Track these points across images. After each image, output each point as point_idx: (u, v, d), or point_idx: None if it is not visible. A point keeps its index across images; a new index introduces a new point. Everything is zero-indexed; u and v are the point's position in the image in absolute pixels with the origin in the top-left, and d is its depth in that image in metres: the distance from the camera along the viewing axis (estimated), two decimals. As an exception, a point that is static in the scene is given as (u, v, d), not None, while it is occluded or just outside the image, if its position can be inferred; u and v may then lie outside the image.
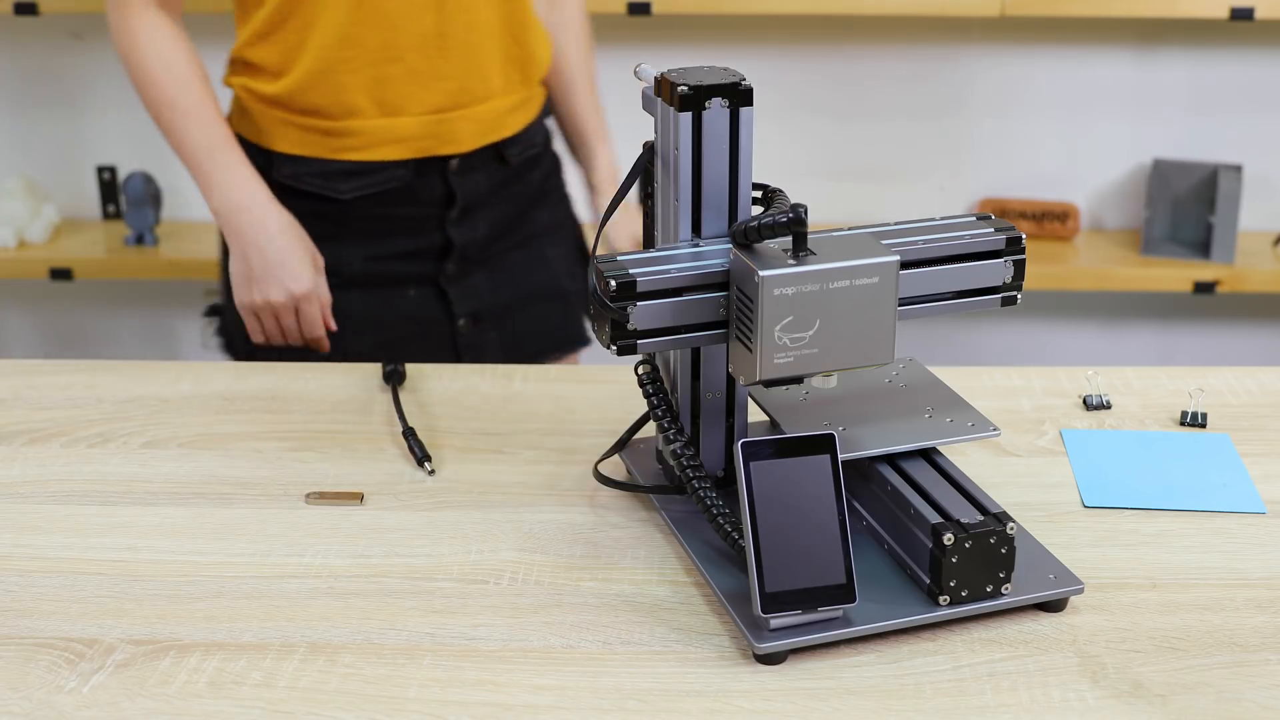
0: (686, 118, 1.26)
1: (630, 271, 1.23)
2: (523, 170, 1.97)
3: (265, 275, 1.78)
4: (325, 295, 1.82)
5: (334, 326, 1.83)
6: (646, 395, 1.32)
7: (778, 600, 1.17)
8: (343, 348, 1.87)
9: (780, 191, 1.31)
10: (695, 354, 1.33)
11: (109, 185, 3.12)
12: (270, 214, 1.78)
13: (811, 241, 1.22)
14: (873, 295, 1.21)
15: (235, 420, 1.58)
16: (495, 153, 1.92)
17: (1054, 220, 3.07)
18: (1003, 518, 1.22)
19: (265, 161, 1.86)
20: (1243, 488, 1.45)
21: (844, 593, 1.19)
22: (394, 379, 1.64)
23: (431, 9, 1.81)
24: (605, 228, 1.63)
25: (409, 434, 1.52)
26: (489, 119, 1.89)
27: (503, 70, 1.89)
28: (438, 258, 1.93)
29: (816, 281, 1.19)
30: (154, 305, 3.27)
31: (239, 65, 1.88)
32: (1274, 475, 1.47)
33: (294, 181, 1.86)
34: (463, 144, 1.88)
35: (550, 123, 2.06)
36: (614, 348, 1.24)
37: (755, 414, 1.39)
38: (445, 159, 1.89)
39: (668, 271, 1.24)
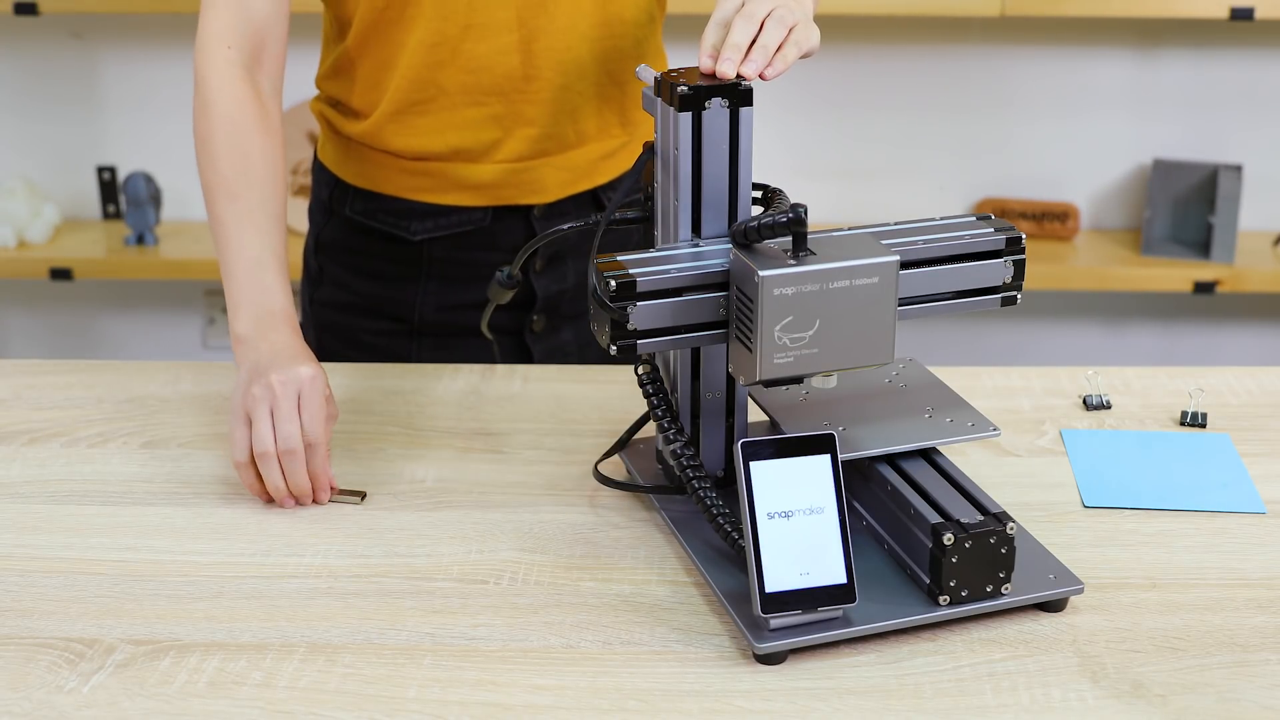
0: (686, 118, 1.26)
1: (630, 271, 1.23)
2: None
3: (262, 373, 1.41)
4: (323, 442, 1.40)
5: (330, 476, 1.43)
6: (646, 395, 1.32)
7: (778, 600, 1.17)
8: None
9: (780, 191, 1.31)
10: (695, 354, 1.33)
11: (109, 185, 3.12)
12: (298, 356, 1.43)
13: (811, 241, 1.22)
14: (873, 295, 1.21)
15: (235, 420, 1.58)
16: (590, 195, 1.73)
17: (1054, 220, 3.07)
18: (1003, 518, 1.22)
19: (340, 193, 1.74)
20: (1243, 488, 1.45)
21: (844, 593, 1.19)
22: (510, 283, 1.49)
23: (517, 50, 1.62)
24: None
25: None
26: (579, 167, 1.71)
27: (597, 114, 1.70)
28: (521, 309, 1.74)
29: (816, 281, 1.19)
30: (154, 305, 3.26)
31: (320, 93, 1.75)
32: (1274, 475, 1.47)
33: (365, 218, 1.73)
34: (548, 193, 1.70)
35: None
36: (614, 348, 1.24)
37: (755, 414, 1.39)
38: (529, 204, 1.71)
39: (668, 271, 1.24)
